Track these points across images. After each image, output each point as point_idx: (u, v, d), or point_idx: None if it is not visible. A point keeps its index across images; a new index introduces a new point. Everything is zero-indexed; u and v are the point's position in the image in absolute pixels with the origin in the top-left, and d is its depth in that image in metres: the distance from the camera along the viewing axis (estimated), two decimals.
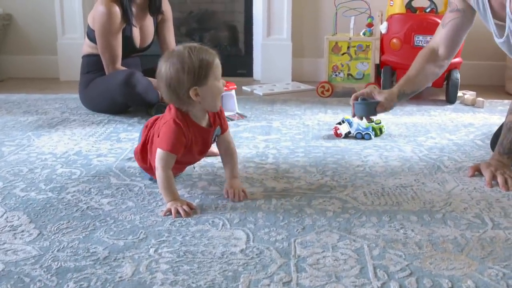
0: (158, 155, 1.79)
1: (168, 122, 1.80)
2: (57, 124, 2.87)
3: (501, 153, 2.06)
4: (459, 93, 3.40)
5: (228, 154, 1.96)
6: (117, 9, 2.91)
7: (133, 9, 2.99)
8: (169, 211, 1.73)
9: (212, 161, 2.24)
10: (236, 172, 1.94)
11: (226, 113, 2.92)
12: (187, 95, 1.75)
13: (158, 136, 1.84)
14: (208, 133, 1.90)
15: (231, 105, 3.05)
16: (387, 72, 3.45)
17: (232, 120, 2.92)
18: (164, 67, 1.76)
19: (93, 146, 2.47)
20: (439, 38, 2.36)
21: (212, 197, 1.88)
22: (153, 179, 1.98)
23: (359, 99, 2.27)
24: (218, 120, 1.92)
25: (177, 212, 1.71)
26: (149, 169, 1.97)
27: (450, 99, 3.37)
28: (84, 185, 1.99)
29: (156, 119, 1.98)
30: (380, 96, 2.27)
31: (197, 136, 1.86)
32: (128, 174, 2.10)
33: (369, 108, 2.26)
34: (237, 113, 3.04)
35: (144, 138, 1.98)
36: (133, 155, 2.17)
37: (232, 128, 2.77)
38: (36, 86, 4.01)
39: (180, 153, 1.81)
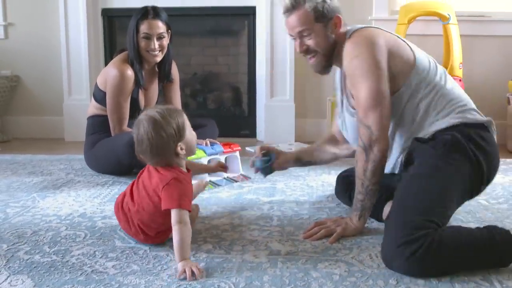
0: (175, 215, 1.82)
1: (171, 182, 1.87)
2: (62, 185, 2.88)
3: (352, 210, 2.13)
4: None
5: None
6: (130, 72, 2.97)
7: (142, 74, 3.05)
8: (184, 272, 1.72)
9: (217, 224, 2.24)
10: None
11: (231, 175, 2.96)
12: (174, 152, 1.90)
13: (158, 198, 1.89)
14: (190, 177, 2.00)
15: (236, 166, 3.06)
16: None
17: (236, 181, 2.93)
18: (145, 136, 1.88)
19: (97, 208, 2.47)
20: (335, 129, 2.55)
21: (217, 260, 1.86)
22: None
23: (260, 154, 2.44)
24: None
25: (192, 273, 1.71)
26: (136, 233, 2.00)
27: None
28: (89, 247, 1.98)
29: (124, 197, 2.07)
30: (280, 156, 2.44)
31: (188, 184, 1.96)
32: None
33: (266, 169, 2.43)
34: (241, 174, 3.05)
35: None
36: None
37: (237, 190, 2.78)
38: (41, 146, 4.04)
39: (189, 208, 1.87)
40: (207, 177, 2.89)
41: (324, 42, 2.17)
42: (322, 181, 2.95)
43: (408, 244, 1.70)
